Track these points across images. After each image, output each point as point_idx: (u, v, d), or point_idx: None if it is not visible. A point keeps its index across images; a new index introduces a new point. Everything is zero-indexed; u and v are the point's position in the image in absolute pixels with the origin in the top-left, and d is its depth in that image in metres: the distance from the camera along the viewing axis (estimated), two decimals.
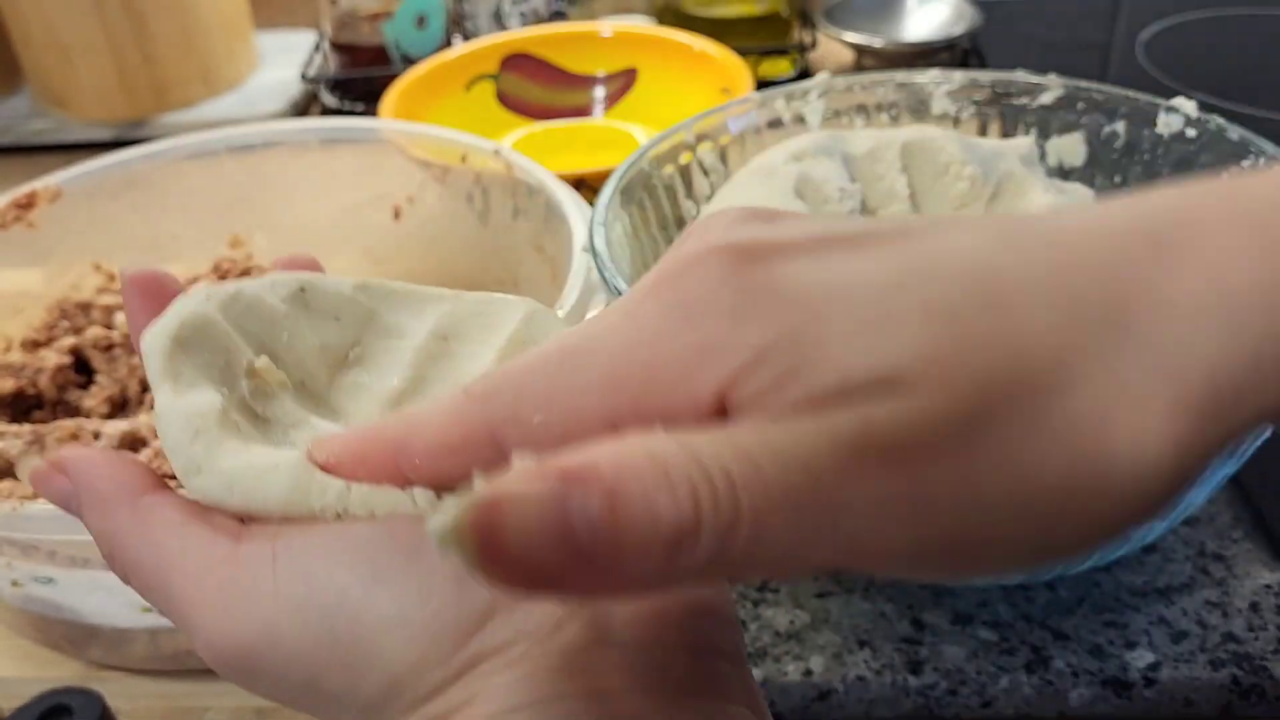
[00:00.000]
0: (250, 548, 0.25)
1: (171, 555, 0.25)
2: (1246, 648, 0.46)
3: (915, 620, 0.47)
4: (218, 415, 0.27)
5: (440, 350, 0.32)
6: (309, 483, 0.25)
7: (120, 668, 0.50)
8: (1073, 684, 0.45)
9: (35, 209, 0.62)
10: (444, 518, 0.18)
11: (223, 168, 0.67)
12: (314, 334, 0.31)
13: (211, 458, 0.26)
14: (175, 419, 0.26)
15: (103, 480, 0.27)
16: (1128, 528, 0.20)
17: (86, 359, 0.58)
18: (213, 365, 0.28)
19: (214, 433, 0.26)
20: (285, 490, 0.25)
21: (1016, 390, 0.19)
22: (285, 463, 0.25)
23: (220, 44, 0.97)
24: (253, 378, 0.29)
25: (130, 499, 0.27)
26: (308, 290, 0.32)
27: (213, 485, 0.26)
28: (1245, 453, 0.43)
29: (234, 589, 0.24)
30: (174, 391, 0.27)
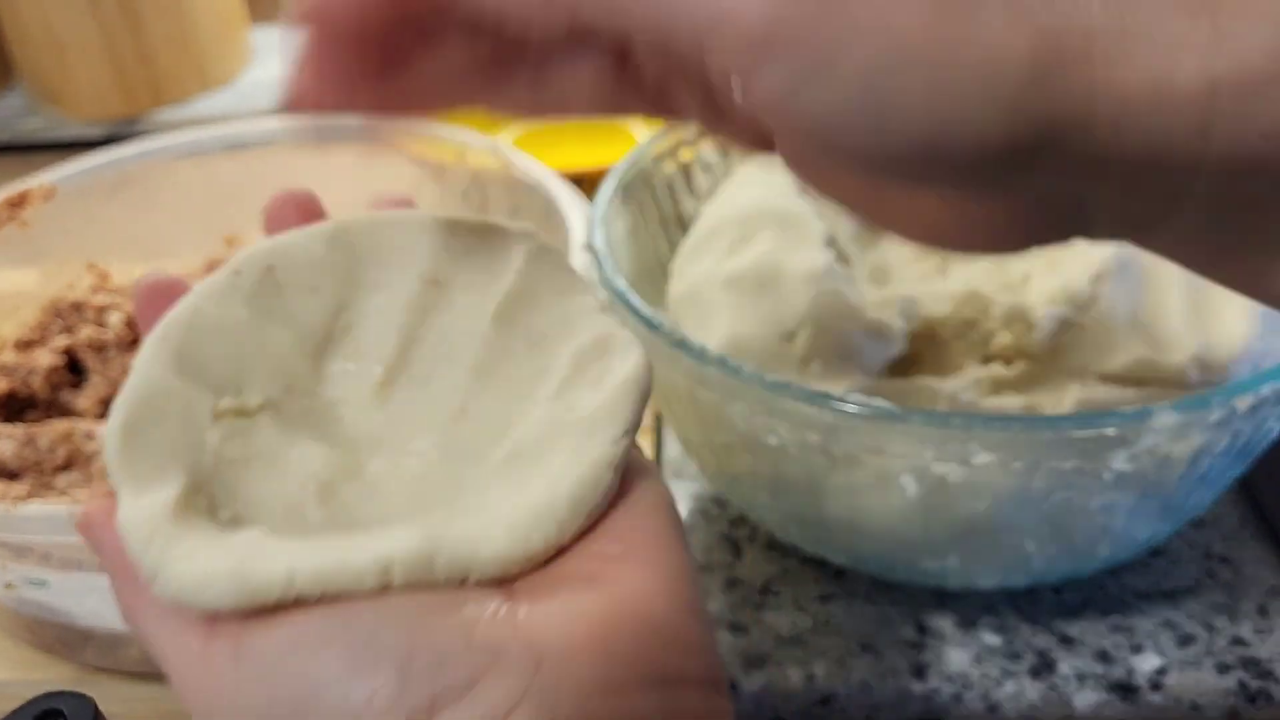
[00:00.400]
0: (215, 646, 0.25)
1: (161, 645, 0.26)
2: (1254, 651, 0.45)
3: (919, 624, 0.47)
4: (172, 510, 0.26)
5: (431, 301, 0.31)
6: (252, 579, 0.24)
7: (114, 671, 0.49)
8: (1078, 688, 0.44)
9: (28, 208, 0.62)
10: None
11: (217, 166, 0.66)
12: (287, 326, 0.30)
13: (165, 563, 0.25)
14: (129, 527, 0.26)
15: (109, 557, 0.28)
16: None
17: (80, 359, 0.58)
18: (174, 438, 0.28)
19: (167, 534, 0.25)
20: (232, 592, 0.24)
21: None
22: (222, 571, 0.25)
23: (215, 40, 0.96)
24: (220, 419, 0.28)
25: (133, 580, 0.27)
26: (277, 268, 0.30)
27: (170, 590, 0.25)
28: (1253, 455, 0.42)
29: (205, 692, 0.25)
30: (133, 491, 0.26)
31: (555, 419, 0.28)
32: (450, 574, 0.25)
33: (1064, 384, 0.44)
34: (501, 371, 0.30)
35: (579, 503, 0.26)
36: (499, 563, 0.26)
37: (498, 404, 0.29)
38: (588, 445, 0.27)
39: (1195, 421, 0.37)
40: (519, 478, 0.28)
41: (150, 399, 0.28)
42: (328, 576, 0.25)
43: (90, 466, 0.51)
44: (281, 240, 0.31)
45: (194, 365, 0.29)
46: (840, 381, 0.43)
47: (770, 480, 0.44)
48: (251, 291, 0.30)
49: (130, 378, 0.28)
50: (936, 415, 0.37)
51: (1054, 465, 0.38)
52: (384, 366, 0.30)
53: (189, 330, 0.29)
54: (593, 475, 0.27)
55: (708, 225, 0.52)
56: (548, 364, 0.30)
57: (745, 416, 0.40)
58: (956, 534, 0.42)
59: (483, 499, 0.27)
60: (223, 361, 0.29)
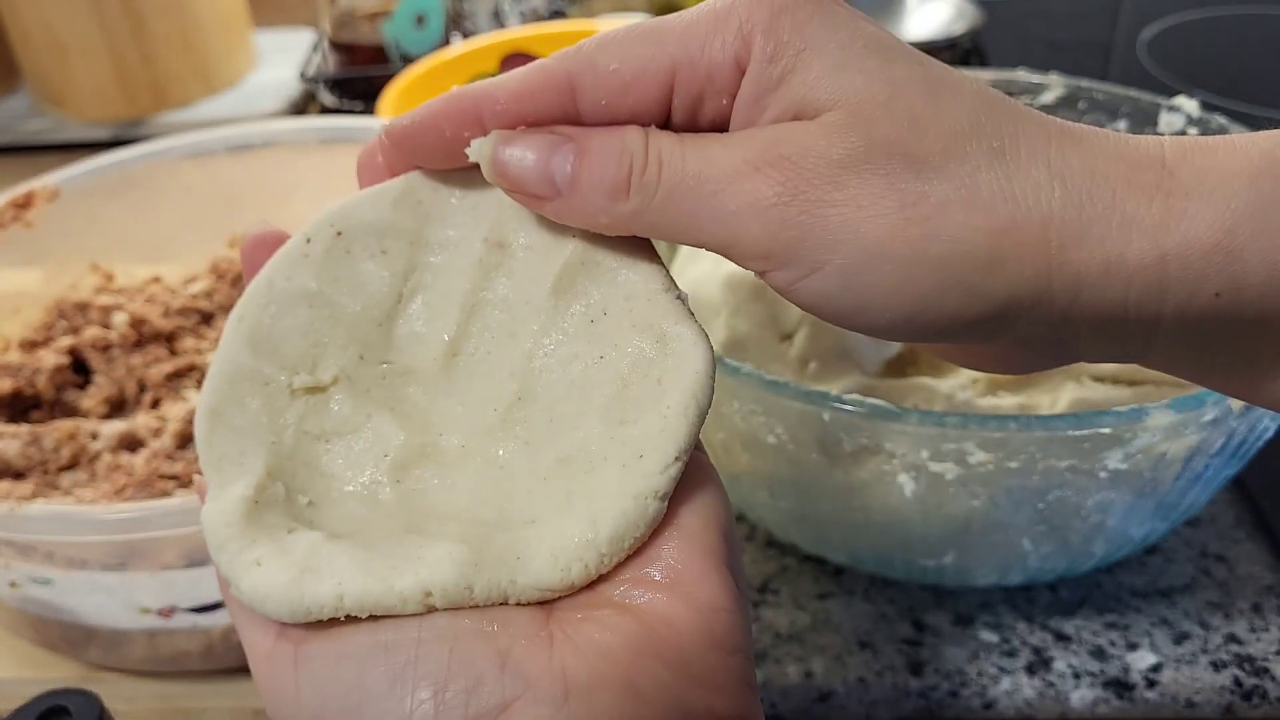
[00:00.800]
0: (280, 648, 0.27)
1: (241, 633, 0.28)
2: (1249, 649, 0.46)
3: (916, 622, 0.47)
4: (244, 512, 0.28)
5: (496, 261, 0.31)
6: (302, 597, 0.26)
7: (118, 669, 0.49)
8: (1074, 685, 0.44)
9: (33, 209, 0.62)
10: (481, 143, 0.28)
11: (221, 167, 0.66)
12: (356, 295, 0.31)
13: (234, 575, 0.27)
14: (208, 531, 0.28)
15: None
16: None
17: (84, 359, 0.58)
18: (255, 417, 0.29)
19: (236, 543, 0.27)
20: (286, 609, 0.26)
21: (898, 156, 0.25)
22: (277, 590, 0.27)
23: (218, 43, 0.97)
24: (297, 397, 0.30)
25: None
26: (345, 233, 0.31)
27: (241, 598, 0.27)
28: (1248, 454, 0.43)
29: (271, 685, 0.27)
30: (216, 484, 0.29)
31: (608, 432, 0.29)
32: (489, 597, 0.27)
33: (1059, 384, 0.44)
34: (557, 356, 0.30)
35: (621, 538, 0.27)
36: (538, 589, 0.27)
37: (551, 399, 0.30)
38: (636, 470, 0.27)
39: (1190, 421, 0.37)
40: (567, 490, 0.28)
41: (232, 382, 0.29)
42: (373, 598, 0.26)
43: (95, 465, 0.51)
44: (350, 202, 0.31)
45: (269, 344, 0.30)
46: (838, 381, 0.44)
47: (769, 478, 0.44)
48: (321, 259, 0.31)
49: (213, 361, 0.30)
50: (933, 414, 0.37)
51: (1050, 464, 0.39)
52: (449, 336, 0.31)
53: (263, 309, 0.30)
54: (637, 509, 0.27)
55: None
56: (605, 354, 0.29)
57: (744, 415, 0.41)
58: (953, 532, 0.42)
59: (530, 508, 0.28)
60: (296, 336, 0.30)
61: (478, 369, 0.30)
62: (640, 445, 0.28)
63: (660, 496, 0.27)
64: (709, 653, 0.26)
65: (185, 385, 0.56)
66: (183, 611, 0.46)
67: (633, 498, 0.27)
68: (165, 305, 0.61)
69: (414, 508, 0.29)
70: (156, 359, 0.58)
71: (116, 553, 0.43)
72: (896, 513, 0.42)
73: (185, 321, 0.61)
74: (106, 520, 0.41)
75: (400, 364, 0.31)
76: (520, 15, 0.97)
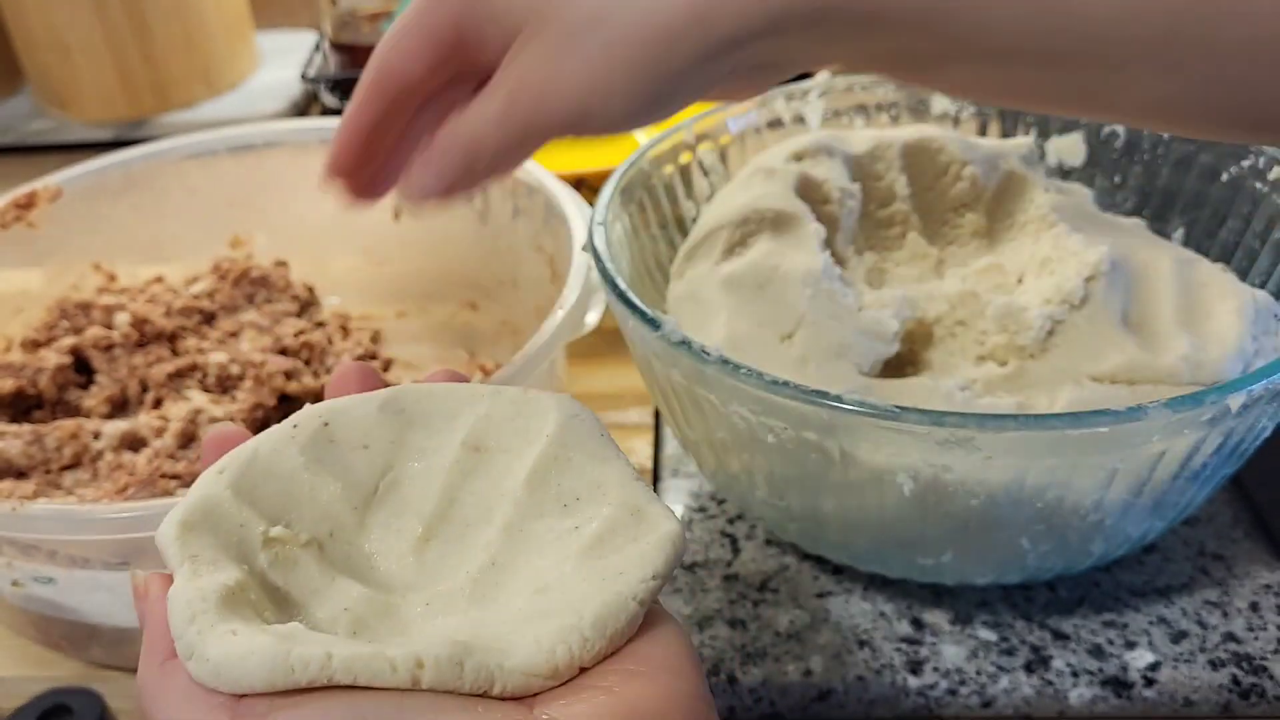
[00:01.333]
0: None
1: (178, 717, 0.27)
2: (1246, 647, 0.46)
3: (915, 620, 0.47)
4: (220, 596, 0.28)
5: (472, 464, 0.33)
6: (288, 662, 0.26)
7: (119, 667, 0.50)
8: (1072, 684, 0.45)
9: (35, 209, 0.62)
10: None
11: (223, 168, 0.67)
12: (336, 478, 0.32)
13: (203, 644, 0.27)
14: (176, 603, 0.28)
15: (150, 629, 0.30)
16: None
17: (87, 359, 0.58)
18: (228, 544, 0.30)
19: (210, 616, 0.27)
20: (265, 672, 0.26)
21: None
22: (260, 646, 0.26)
23: (221, 44, 0.97)
24: (270, 547, 0.30)
25: (159, 658, 0.29)
26: (332, 424, 0.33)
27: (203, 671, 0.27)
28: (1246, 453, 0.43)
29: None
30: (190, 573, 0.28)
31: (587, 564, 0.30)
32: (476, 680, 0.27)
33: (1057, 383, 0.44)
34: (532, 530, 0.32)
35: (603, 625, 0.28)
36: (524, 673, 0.27)
37: (527, 559, 0.31)
38: (617, 580, 0.29)
39: (1188, 420, 0.37)
40: (545, 610, 0.29)
41: (209, 508, 0.30)
42: (362, 663, 0.26)
43: (97, 465, 0.52)
44: (338, 401, 0.33)
45: (249, 495, 0.31)
46: (836, 380, 0.44)
47: (768, 478, 0.44)
48: (307, 442, 0.32)
49: (190, 492, 0.31)
50: (932, 414, 0.37)
51: (1048, 464, 0.39)
52: (423, 525, 0.32)
53: (247, 465, 0.31)
54: (618, 602, 0.29)
55: (706, 227, 0.52)
56: (579, 524, 0.31)
57: (743, 415, 0.41)
58: (952, 531, 0.42)
59: (509, 628, 0.29)
60: (275, 498, 0.31)
61: (450, 549, 0.32)
62: (620, 567, 0.30)
63: (639, 601, 0.29)
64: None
65: (187, 385, 0.57)
66: None
67: (614, 595, 0.29)
68: (167, 305, 0.61)
69: (392, 630, 0.30)
70: (159, 359, 0.58)
71: (119, 551, 0.43)
72: (895, 512, 0.42)
73: (187, 321, 0.61)
74: (108, 519, 0.41)
75: (370, 549, 0.32)
76: None
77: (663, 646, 0.29)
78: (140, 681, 0.29)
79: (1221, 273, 0.48)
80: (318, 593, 0.30)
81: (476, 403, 0.34)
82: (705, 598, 0.49)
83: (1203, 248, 0.53)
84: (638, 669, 0.28)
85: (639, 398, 0.62)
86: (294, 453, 0.32)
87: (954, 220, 0.54)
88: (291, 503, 0.31)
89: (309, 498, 0.31)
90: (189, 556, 0.29)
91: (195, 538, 0.29)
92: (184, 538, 0.29)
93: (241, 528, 0.30)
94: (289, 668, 0.26)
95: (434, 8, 0.35)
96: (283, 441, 0.32)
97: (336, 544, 0.31)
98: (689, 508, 0.55)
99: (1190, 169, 0.54)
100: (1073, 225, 0.49)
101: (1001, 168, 0.54)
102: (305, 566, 0.30)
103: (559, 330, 0.49)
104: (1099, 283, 0.45)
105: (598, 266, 0.46)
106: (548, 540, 0.32)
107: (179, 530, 0.29)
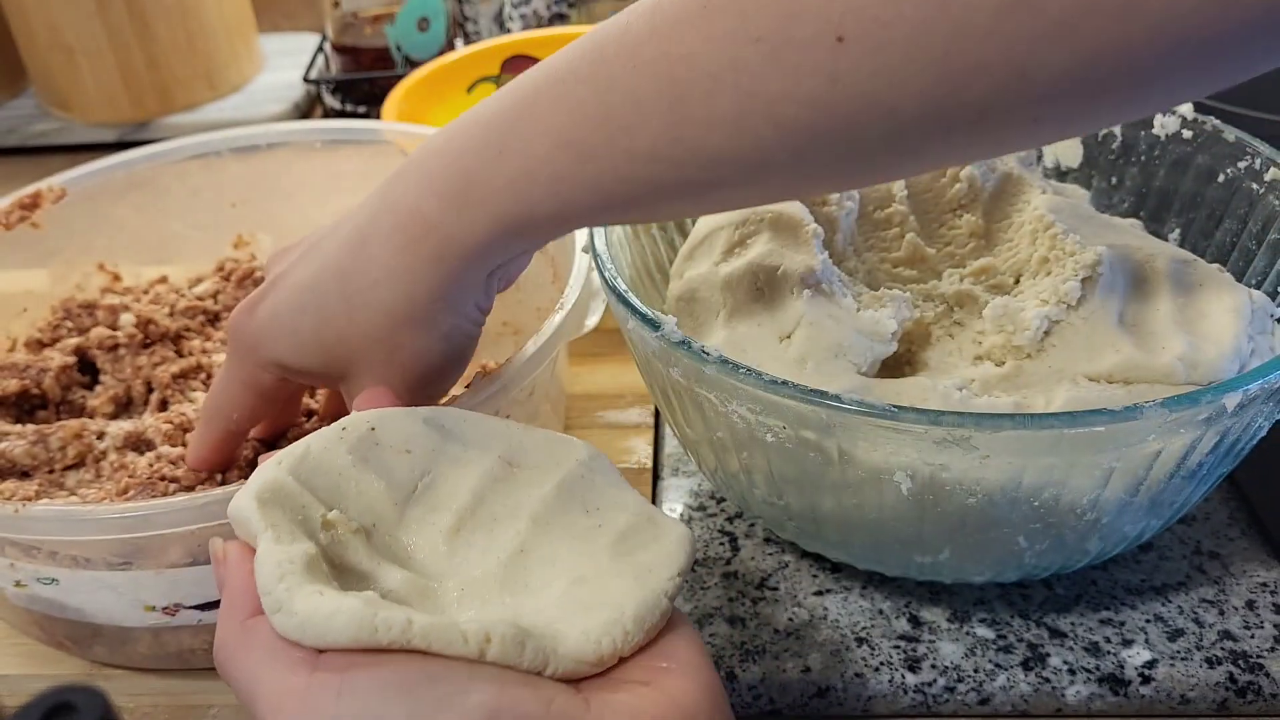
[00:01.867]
0: (320, 678, 0.28)
1: (259, 678, 0.30)
2: (1243, 645, 0.46)
3: (913, 618, 0.48)
4: (305, 561, 0.30)
5: (505, 474, 0.36)
6: (373, 623, 0.28)
7: (122, 666, 0.50)
8: (1069, 681, 0.45)
9: (39, 209, 0.62)
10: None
11: (226, 169, 0.67)
12: (380, 476, 0.35)
13: (290, 600, 0.29)
14: (266, 562, 0.30)
15: (230, 590, 0.32)
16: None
17: (91, 359, 0.58)
18: (295, 521, 0.32)
19: (298, 576, 0.30)
20: (351, 630, 0.28)
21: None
22: (348, 606, 0.29)
23: (224, 46, 0.97)
24: (327, 529, 0.33)
25: (241, 616, 0.31)
26: (378, 429, 0.36)
27: (290, 625, 0.29)
28: (1242, 452, 0.43)
29: (302, 717, 0.28)
30: (273, 539, 0.31)
31: (618, 560, 0.34)
32: (534, 660, 0.30)
33: (1054, 383, 0.44)
34: (559, 523, 0.35)
35: (642, 620, 0.32)
36: (574, 660, 0.30)
37: (553, 548, 0.34)
38: (649, 578, 0.33)
39: (1184, 420, 0.38)
40: (584, 602, 0.32)
41: (275, 488, 0.33)
42: (438, 631, 0.29)
43: (100, 465, 0.52)
44: (385, 411, 0.37)
45: (306, 483, 0.34)
46: (835, 380, 0.44)
47: (766, 477, 0.44)
48: (355, 443, 0.35)
49: (254, 476, 0.34)
50: (929, 413, 0.38)
51: (1045, 462, 0.39)
52: (455, 518, 0.35)
53: (301, 459, 0.34)
54: (654, 599, 0.32)
55: (706, 228, 0.52)
56: (603, 523, 0.35)
57: (742, 414, 0.41)
58: (949, 529, 0.43)
59: (551, 618, 0.32)
60: (326, 490, 0.34)
61: (479, 539, 0.35)
62: (649, 564, 0.33)
63: (669, 597, 0.33)
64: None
65: (192, 386, 0.57)
66: (187, 609, 0.46)
67: (650, 591, 0.32)
68: (171, 306, 0.62)
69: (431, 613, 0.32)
70: (164, 359, 0.58)
71: (121, 551, 0.43)
72: (893, 510, 0.42)
73: (191, 322, 0.61)
74: (110, 519, 0.41)
75: (407, 541, 0.35)
76: (522, 19, 0.97)
77: (685, 644, 0.32)
78: (220, 640, 0.31)
79: (1218, 273, 0.48)
80: (366, 576, 0.32)
81: (512, 431, 0.37)
82: (705, 595, 0.49)
83: (1199, 249, 0.53)
84: (669, 665, 0.31)
85: (639, 398, 0.63)
86: (343, 451, 0.35)
87: (951, 221, 0.54)
88: (339, 496, 0.34)
89: (355, 492, 0.34)
90: (270, 524, 0.31)
91: (270, 511, 0.32)
92: (263, 510, 0.32)
93: (304, 509, 0.33)
94: (374, 628, 0.28)
95: (251, 376, 0.43)
96: (332, 441, 0.35)
97: (379, 535, 0.34)
98: (689, 506, 0.55)
99: (1187, 170, 0.54)
100: (1070, 226, 0.49)
101: (999, 169, 0.54)
102: (355, 551, 0.33)
103: (560, 330, 0.49)
104: (1096, 283, 0.45)
105: (598, 268, 0.47)
106: (573, 533, 0.34)
107: (257, 503, 0.32)
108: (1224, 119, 0.53)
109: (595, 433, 0.61)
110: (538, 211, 0.35)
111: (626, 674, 0.31)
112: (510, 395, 0.46)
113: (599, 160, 0.34)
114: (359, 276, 0.38)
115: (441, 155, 0.37)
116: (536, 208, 0.35)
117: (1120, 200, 0.57)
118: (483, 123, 0.36)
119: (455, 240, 0.37)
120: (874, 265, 0.53)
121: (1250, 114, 0.78)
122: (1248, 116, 0.77)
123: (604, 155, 0.33)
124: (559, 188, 0.35)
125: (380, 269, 0.38)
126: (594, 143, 0.33)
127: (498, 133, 0.36)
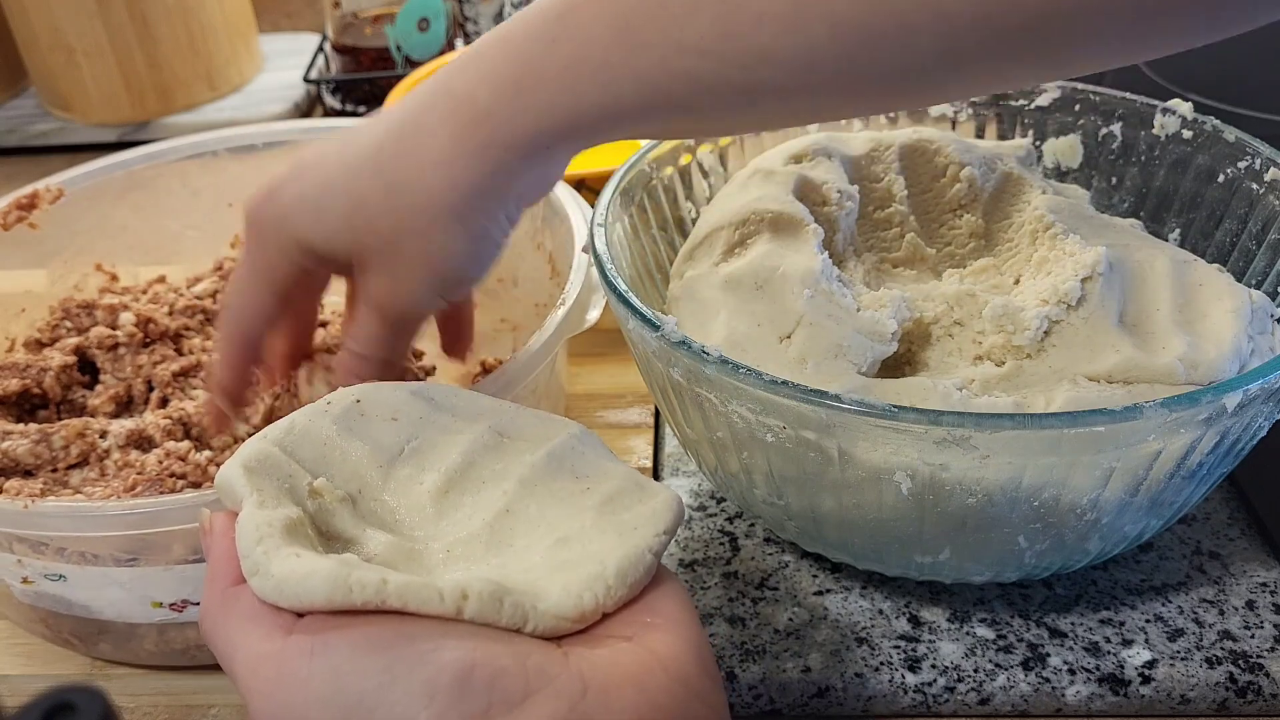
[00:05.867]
0: (295, 640, 0.28)
1: (238, 643, 0.30)
2: (1243, 645, 0.46)
3: (913, 617, 0.48)
4: (285, 525, 0.30)
5: (495, 443, 0.36)
6: (348, 582, 0.28)
7: (126, 663, 0.50)
8: (1069, 681, 0.45)
9: (37, 210, 0.62)
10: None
11: (225, 169, 0.67)
12: (365, 441, 0.35)
13: (267, 562, 0.29)
14: (245, 527, 0.30)
15: (214, 560, 0.32)
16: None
17: (91, 359, 0.58)
18: (282, 489, 0.33)
19: (276, 539, 0.30)
20: (325, 590, 0.28)
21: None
22: (323, 568, 0.29)
23: (224, 47, 0.97)
24: (314, 497, 0.33)
25: (224, 584, 0.31)
26: (363, 401, 0.36)
27: (267, 587, 0.29)
28: (1242, 452, 0.43)
29: (276, 680, 0.28)
30: (256, 503, 0.31)
31: (603, 519, 0.34)
32: (513, 617, 0.30)
33: (1054, 383, 0.44)
34: (546, 486, 0.35)
35: (625, 574, 0.31)
36: (555, 616, 0.30)
37: (540, 509, 0.34)
38: (633, 535, 0.33)
39: (1184, 420, 0.38)
40: (566, 559, 0.32)
41: (262, 457, 0.33)
42: (413, 590, 0.29)
43: (104, 463, 0.52)
44: (371, 384, 0.37)
45: (293, 453, 0.34)
46: (835, 380, 0.44)
47: (766, 476, 0.44)
48: (339, 414, 0.35)
49: (241, 448, 0.34)
50: (929, 413, 0.38)
51: (1045, 462, 0.39)
52: (443, 479, 0.35)
53: (286, 431, 0.35)
54: (637, 554, 0.32)
55: (706, 228, 0.52)
56: (591, 487, 0.35)
57: (742, 414, 0.41)
58: (949, 529, 0.43)
59: (535, 575, 0.32)
60: (312, 460, 0.34)
61: (466, 500, 0.35)
62: (634, 523, 0.33)
63: (654, 553, 0.32)
64: (703, 677, 0.30)
65: (193, 384, 0.57)
66: (195, 605, 0.46)
67: (633, 547, 0.32)
68: (170, 305, 0.62)
69: (417, 574, 0.32)
70: (164, 358, 0.58)
71: (129, 547, 0.43)
72: (893, 510, 0.42)
73: (190, 321, 0.61)
74: (118, 516, 0.41)
75: (394, 502, 0.35)
76: None
77: (670, 600, 0.32)
78: (203, 609, 0.32)
79: (1218, 273, 0.49)
80: (353, 542, 0.32)
81: (503, 407, 0.37)
82: (705, 595, 0.49)
83: (1199, 249, 0.53)
84: (653, 620, 0.31)
85: (639, 397, 0.63)
86: (328, 422, 0.35)
87: (951, 221, 0.55)
88: (325, 464, 0.34)
89: (340, 459, 0.35)
90: (255, 489, 0.32)
91: (256, 479, 0.32)
92: (249, 476, 0.32)
93: (290, 477, 0.33)
94: (348, 588, 0.28)
95: (270, 266, 0.42)
96: (317, 414, 0.35)
97: (365, 500, 0.34)
98: (689, 506, 0.55)
99: (1187, 170, 0.54)
100: (1069, 226, 0.49)
101: (999, 169, 0.54)
102: (342, 518, 0.33)
103: (560, 328, 0.49)
104: (1096, 283, 0.46)
105: (598, 268, 0.47)
106: (560, 496, 0.34)
107: (242, 470, 0.32)
108: (1224, 119, 0.53)
109: (595, 432, 0.61)
110: (584, 104, 0.36)
111: (609, 629, 0.31)
112: (514, 391, 0.46)
113: (649, 51, 0.34)
114: (404, 161, 0.38)
115: (502, 44, 0.38)
116: (583, 99, 0.36)
117: (1120, 200, 0.57)
118: (541, 11, 0.37)
119: (503, 129, 0.37)
120: (874, 265, 0.53)
121: (1250, 114, 0.78)
122: (1248, 116, 0.78)
123: (655, 45, 0.34)
124: (608, 77, 0.35)
125: (430, 153, 0.38)
126: (646, 32, 0.34)
127: (554, 20, 0.36)
